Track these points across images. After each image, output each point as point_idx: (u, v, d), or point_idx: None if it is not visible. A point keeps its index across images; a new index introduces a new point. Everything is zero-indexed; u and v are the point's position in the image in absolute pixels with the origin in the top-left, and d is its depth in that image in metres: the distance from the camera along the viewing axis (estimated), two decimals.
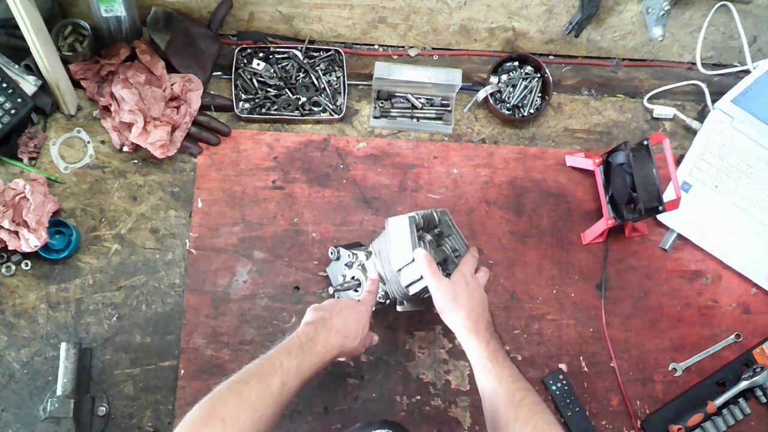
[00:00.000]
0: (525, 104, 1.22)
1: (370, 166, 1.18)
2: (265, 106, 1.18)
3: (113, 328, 1.07)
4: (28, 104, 1.07)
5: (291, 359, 0.81)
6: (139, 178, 1.13)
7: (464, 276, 0.92)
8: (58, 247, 1.07)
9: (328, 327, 0.88)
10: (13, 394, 1.03)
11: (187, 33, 1.14)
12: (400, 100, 1.21)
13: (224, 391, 0.75)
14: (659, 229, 1.20)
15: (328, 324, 0.88)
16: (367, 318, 0.93)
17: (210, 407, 0.73)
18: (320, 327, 0.87)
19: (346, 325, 0.89)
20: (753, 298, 1.19)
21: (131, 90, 1.09)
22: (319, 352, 0.84)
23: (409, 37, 1.24)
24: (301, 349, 0.83)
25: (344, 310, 0.91)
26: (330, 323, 0.88)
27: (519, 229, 1.18)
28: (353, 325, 0.90)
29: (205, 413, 0.72)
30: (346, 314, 0.91)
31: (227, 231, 1.12)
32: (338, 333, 0.88)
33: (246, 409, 0.73)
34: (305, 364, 0.82)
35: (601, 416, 1.12)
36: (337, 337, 0.87)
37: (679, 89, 1.29)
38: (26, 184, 1.04)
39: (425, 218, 0.96)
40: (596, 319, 1.15)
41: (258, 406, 0.75)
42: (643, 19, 1.18)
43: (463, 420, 1.09)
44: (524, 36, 1.23)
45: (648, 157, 1.09)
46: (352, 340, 0.89)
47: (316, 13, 1.17)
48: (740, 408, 1.13)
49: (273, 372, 0.79)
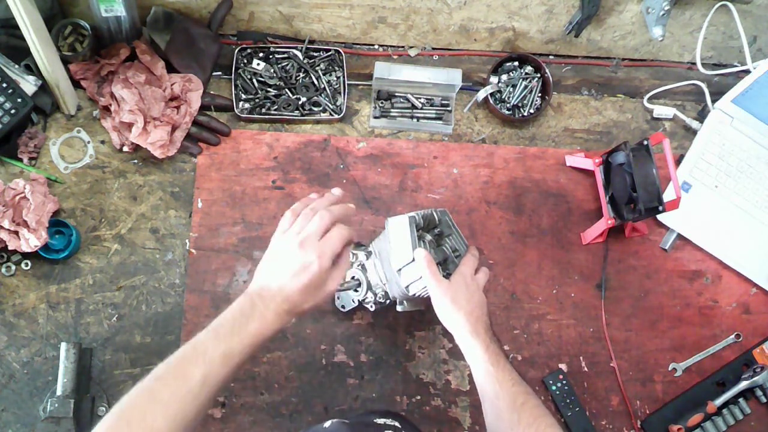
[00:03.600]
0: (525, 104, 1.22)
1: (370, 166, 1.18)
2: (265, 106, 1.18)
3: (113, 328, 1.07)
4: (28, 104, 1.07)
5: (217, 345, 0.72)
6: (139, 178, 1.13)
7: (464, 277, 0.92)
8: (58, 247, 1.07)
9: (267, 300, 0.76)
10: (13, 394, 1.03)
11: (187, 33, 1.14)
12: (400, 100, 1.21)
13: (138, 390, 0.68)
14: (659, 229, 1.20)
15: (267, 296, 0.76)
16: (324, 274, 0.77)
17: (119, 410, 0.67)
18: (257, 299, 0.76)
19: (291, 295, 0.76)
20: (753, 298, 1.19)
21: (131, 90, 1.09)
22: (253, 331, 0.74)
23: (409, 37, 1.24)
24: (231, 332, 0.73)
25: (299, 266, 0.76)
26: (270, 295, 0.76)
27: (519, 229, 1.18)
28: (302, 291, 0.76)
29: (114, 417, 0.66)
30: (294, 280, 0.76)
31: (227, 231, 1.12)
32: (281, 305, 0.75)
33: (158, 409, 0.67)
34: (235, 349, 0.72)
35: (601, 416, 1.12)
36: (280, 308, 0.75)
37: (679, 89, 1.29)
38: (26, 184, 1.04)
39: (425, 218, 0.96)
40: (596, 319, 1.15)
41: (172, 405, 0.67)
42: (643, 19, 1.18)
43: (463, 420, 1.09)
44: (524, 36, 1.24)
45: (648, 157, 1.09)
46: (301, 305, 0.77)
47: (316, 13, 1.17)
48: (740, 408, 1.13)
49: (194, 362, 0.70)
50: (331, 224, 0.81)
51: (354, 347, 1.10)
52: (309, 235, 0.79)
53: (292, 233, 0.80)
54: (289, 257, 0.78)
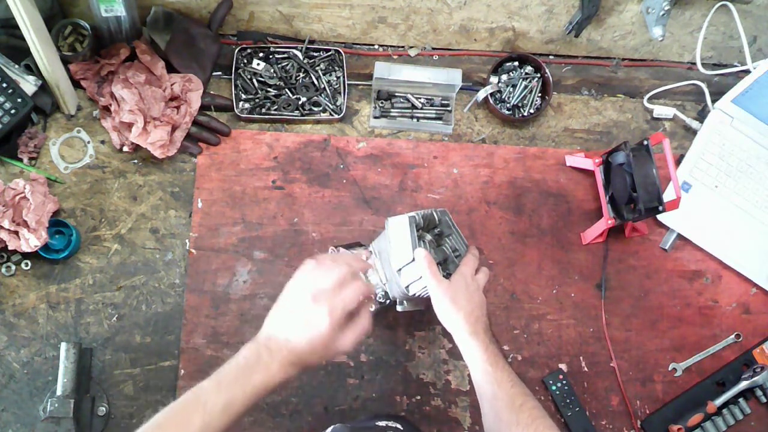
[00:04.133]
0: (525, 104, 1.22)
1: (370, 166, 1.18)
2: (265, 106, 1.18)
3: (113, 328, 1.07)
4: (28, 104, 1.07)
5: (219, 395, 0.70)
6: (139, 178, 1.13)
7: (464, 278, 0.92)
8: (58, 247, 1.07)
9: (273, 351, 0.73)
10: (13, 394, 1.03)
11: (187, 33, 1.14)
12: (400, 100, 1.21)
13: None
14: (659, 229, 1.20)
15: (273, 347, 0.73)
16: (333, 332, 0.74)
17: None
18: (264, 349, 0.73)
19: (297, 347, 0.73)
20: (753, 298, 1.19)
21: (131, 90, 1.09)
22: (256, 383, 0.72)
23: (409, 37, 1.24)
24: (235, 381, 0.71)
25: (308, 320, 0.74)
26: (276, 346, 0.73)
27: (519, 229, 1.18)
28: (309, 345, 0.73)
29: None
30: (301, 333, 0.74)
31: (227, 231, 1.12)
32: (287, 357, 0.73)
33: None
34: (237, 400, 0.70)
35: (601, 416, 1.12)
36: (286, 360, 0.73)
37: (679, 89, 1.29)
38: (26, 184, 1.04)
39: (425, 218, 0.96)
40: (596, 319, 1.15)
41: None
42: (643, 19, 1.18)
43: (463, 420, 1.09)
44: (524, 36, 1.24)
45: (648, 157, 1.09)
46: (307, 359, 0.74)
47: (316, 13, 1.17)
48: (740, 408, 1.13)
49: (195, 411, 0.69)
50: (350, 278, 0.77)
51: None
52: (323, 288, 0.75)
53: (307, 283, 0.77)
54: (299, 309, 0.75)
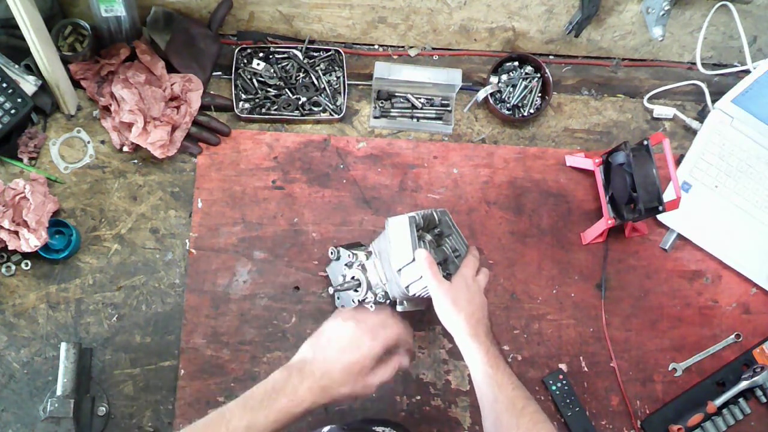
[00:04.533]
0: (525, 104, 1.22)
1: (370, 166, 1.18)
2: (265, 106, 1.18)
3: (113, 328, 1.07)
4: (28, 104, 1.07)
5: (242, 416, 0.71)
6: (139, 178, 1.13)
7: (465, 279, 0.92)
8: (58, 247, 1.07)
9: (305, 374, 0.75)
10: (13, 394, 1.03)
11: (187, 33, 1.14)
12: (400, 100, 1.21)
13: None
14: (659, 229, 1.20)
15: (306, 369, 0.75)
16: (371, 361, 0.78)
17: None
18: (294, 374, 0.75)
19: (331, 371, 0.75)
20: (753, 298, 1.19)
21: (131, 90, 1.09)
22: (281, 407, 0.73)
23: (409, 37, 1.24)
24: (260, 405, 0.73)
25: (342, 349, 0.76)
26: (309, 369, 0.75)
27: (519, 229, 1.18)
28: (344, 370, 0.75)
29: None
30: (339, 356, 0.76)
31: (227, 231, 1.12)
32: (318, 381, 0.74)
33: None
34: (259, 422, 0.71)
35: (601, 416, 1.12)
36: (316, 385, 0.74)
37: (679, 89, 1.29)
38: (26, 184, 1.04)
39: (425, 218, 0.96)
40: (596, 319, 1.15)
41: None
42: (643, 19, 1.18)
43: (463, 420, 1.09)
44: (524, 36, 1.24)
45: (648, 157, 1.09)
46: (338, 387, 0.75)
47: (316, 13, 1.17)
48: (740, 408, 1.13)
49: (218, 429, 0.71)
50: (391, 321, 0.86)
51: None
52: (368, 322, 0.81)
53: (352, 316, 0.82)
54: (342, 332, 0.78)
